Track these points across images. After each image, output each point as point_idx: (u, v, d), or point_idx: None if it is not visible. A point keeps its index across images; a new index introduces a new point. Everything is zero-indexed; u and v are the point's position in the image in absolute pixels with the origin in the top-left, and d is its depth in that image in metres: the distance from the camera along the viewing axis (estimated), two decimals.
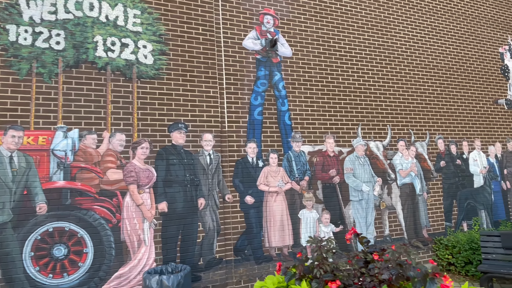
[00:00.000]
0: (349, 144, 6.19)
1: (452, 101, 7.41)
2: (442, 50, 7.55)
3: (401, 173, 6.49)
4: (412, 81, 7.03)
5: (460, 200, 6.97)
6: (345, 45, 6.52)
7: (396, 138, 6.62)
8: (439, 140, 7.04)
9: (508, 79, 8.32)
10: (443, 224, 6.72)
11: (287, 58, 5.97)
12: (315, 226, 5.62)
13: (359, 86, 6.48)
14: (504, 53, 8.44)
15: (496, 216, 7.30)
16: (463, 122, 7.42)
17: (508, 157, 7.80)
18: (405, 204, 6.41)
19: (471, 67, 7.84)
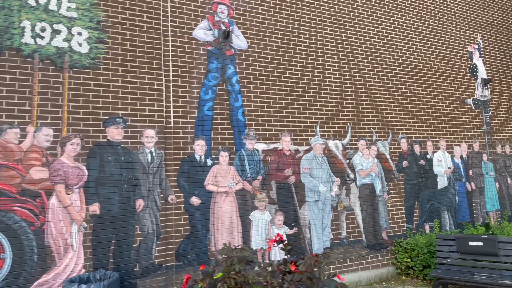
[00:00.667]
0: (306, 142, 5.92)
1: (417, 99, 7.23)
2: (408, 47, 7.36)
3: (360, 173, 6.27)
4: (375, 78, 6.81)
5: (422, 201, 6.81)
6: (305, 40, 6.23)
7: (356, 137, 6.40)
8: (402, 139, 6.86)
9: (476, 79, 8.20)
10: (404, 226, 6.54)
11: (242, 51, 5.64)
12: (267, 228, 5.34)
13: (319, 83, 6.22)
14: (473, 52, 8.32)
15: (460, 218, 7.18)
16: (428, 122, 7.26)
17: (474, 158, 7.69)
18: (364, 205, 6.20)
19: (438, 65, 7.68)
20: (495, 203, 7.74)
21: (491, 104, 8.31)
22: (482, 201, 7.58)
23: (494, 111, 8.31)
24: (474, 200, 7.48)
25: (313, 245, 5.62)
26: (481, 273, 4.57)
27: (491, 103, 8.32)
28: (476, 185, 7.58)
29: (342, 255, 5.83)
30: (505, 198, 7.93)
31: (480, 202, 7.55)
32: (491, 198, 7.71)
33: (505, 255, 4.59)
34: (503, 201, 7.88)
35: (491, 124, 8.15)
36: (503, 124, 8.39)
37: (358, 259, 5.95)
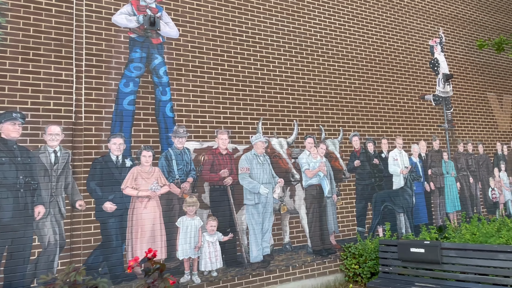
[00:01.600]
0: (246, 140, 5.44)
1: (372, 95, 6.84)
2: (363, 40, 6.96)
3: (307, 173, 5.83)
4: (325, 72, 6.38)
5: (376, 202, 6.42)
6: (248, 29, 5.75)
7: (303, 135, 5.95)
8: (354, 137, 6.45)
9: (438, 74, 7.87)
10: (355, 230, 6.14)
11: (172, 40, 5.12)
12: (198, 235, 4.84)
13: (262, 76, 5.74)
14: (434, 46, 7.99)
15: (417, 220, 6.82)
16: (383, 119, 6.88)
17: (434, 157, 7.36)
18: (310, 208, 5.76)
19: (396, 60, 7.30)
20: (456, 204, 7.42)
21: (453, 100, 7.99)
22: (442, 202, 7.25)
23: (456, 108, 8.00)
24: (433, 201, 7.14)
25: (251, 252, 5.15)
26: (422, 283, 4.18)
27: (453, 99, 8.01)
28: (436, 185, 7.24)
29: (284, 262, 5.38)
30: (466, 198, 7.63)
31: (440, 203, 7.22)
32: (452, 199, 7.39)
33: (448, 263, 4.21)
34: (465, 201, 7.58)
35: (452, 121, 7.84)
36: (466, 121, 8.09)
37: (302, 266, 5.51)
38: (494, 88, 8.86)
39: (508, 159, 8.62)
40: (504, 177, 8.38)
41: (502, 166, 8.42)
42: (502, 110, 8.87)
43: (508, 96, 9.12)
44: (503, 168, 8.42)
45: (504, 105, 8.98)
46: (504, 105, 8.96)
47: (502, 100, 8.96)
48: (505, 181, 8.37)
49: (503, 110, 8.90)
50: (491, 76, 8.89)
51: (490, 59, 8.97)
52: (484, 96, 8.59)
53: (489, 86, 8.77)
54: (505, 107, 8.97)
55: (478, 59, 8.73)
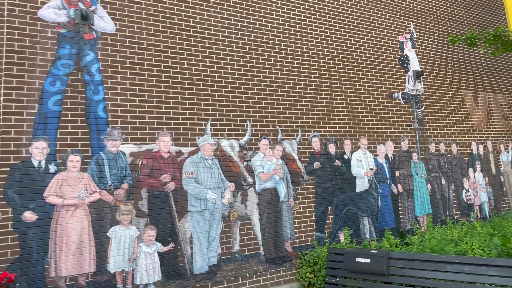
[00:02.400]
0: (193, 143, 5.10)
1: (335, 94, 6.51)
2: (326, 36, 6.63)
3: (261, 176, 5.50)
4: (283, 70, 6.05)
5: (337, 206, 6.09)
6: (195, 24, 5.41)
7: (258, 136, 5.62)
8: (314, 138, 6.12)
9: (408, 71, 7.56)
10: (313, 235, 5.81)
11: (107, 35, 4.77)
12: (133, 246, 4.49)
13: (211, 74, 5.40)
14: (404, 42, 7.68)
15: (383, 224, 6.50)
16: (346, 118, 6.55)
17: (402, 157, 7.04)
18: (264, 213, 5.43)
19: (362, 56, 6.98)
20: (426, 207, 7.11)
21: (424, 98, 7.68)
22: (411, 205, 6.93)
23: (428, 106, 7.69)
24: (401, 203, 6.83)
25: (195, 263, 4.81)
26: None
27: (425, 97, 7.70)
28: (404, 187, 6.92)
29: (233, 272, 5.04)
30: (438, 200, 7.31)
31: (409, 205, 6.90)
32: (422, 201, 7.08)
33: (396, 274, 3.88)
34: (436, 204, 7.27)
35: (423, 120, 7.53)
36: (438, 120, 7.78)
37: (253, 276, 5.17)
38: (469, 85, 8.56)
39: (484, 159, 8.32)
40: (479, 178, 8.08)
41: (477, 166, 8.11)
42: (478, 108, 8.57)
43: (485, 94, 8.82)
44: (479, 169, 8.12)
45: (480, 103, 8.68)
46: (480, 103, 8.66)
47: (478, 98, 8.66)
48: (480, 182, 8.07)
49: (479, 108, 8.60)
50: (466, 73, 8.59)
51: (465, 56, 8.67)
52: (458, 93, 8.29)
53: (464, 84, 8.47)
54: (481, 105, 8.67)
55: (452, 55, 8.43)
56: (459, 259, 3.48)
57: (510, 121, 9.16)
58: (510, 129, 9.07)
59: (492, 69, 9.16)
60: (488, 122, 8.66)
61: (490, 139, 8.58)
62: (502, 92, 9.24)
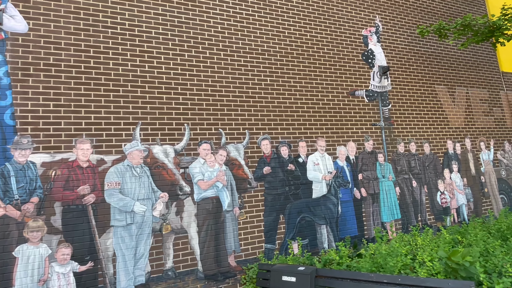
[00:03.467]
0: (118, 150, 4.66)
1: (288, 93, 6.05)
2: (278, 31, 6.18)
3: (201, 184, 5.04)
4: (228, 69, 5.60)
5: (290, 214, 5.61)
6: (124, 21, 4.99)
7: (197, 140, 5.17)
8: (263, 141, 5.65)
9: (372, 67, 7.07)
10: (262, 247, 5.32)
11: (18, 35, 4.36)
12: (43, 266, 4.05)
13: (142, 74, 4.98)
14: (368, 36, 7.20)
15: (344, 232, 5.99)
16: (302, 119, 6.07)
17: (366, 159, 6.54)
18: (203, 225, 4.96)
19: (319, 53, 6.52)
20: (394, 212, 6.59)
21: (392, 95, 7.18)
22: (377, 210, 6.42)
23: (396, 104, 7.19)
24: (365, 209, 6.32)
25: (119, 283, 4.35)
26: None
27: (392, 94, 7.20)
28: (368, 191, 6.41)
29: None
30: (408, 205, 6.79)
31: (374, 211, 6.39)
32: (389, 206, 6.56)
33: None
34: (406, 208, 6.74)
35: (390, 119, 7.02)
36: (408, 118, 7.27)
37: None
38: (444, 80, 8.04)
39: (462, 158, 7.78)
40: (456, 178, 7.54)
41: (454, 166, 7.58)
42: (454, 105, 8.04)
43: (462, 89, 8.30)
44: (456, 169, 7.58)
45: (457, 98, 8.16)
46: (457, 99, 8.14)
47: (455, 94, 8.14)
48: (458, 183, 7.53)
49: (455, 104, 8.07)
50: (440, 67, 8.07)
51: (439, 49, 8.16)
52: (432, 89, 7.77)
53: (438, 78, 7.95)
54: (458, 101, 8.14)
55: (425, 49, 7.93)
56: (388, 278, 2.98)
57: (492, 117, 8.61)
58: (491, 125, 8.52)
59: (470, 62, 8.64)
60: (466, 119, 8.13)
61: (469, 136, 8.04)
62: (482, 86, 8.70)
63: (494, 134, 8.52)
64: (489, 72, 8.97)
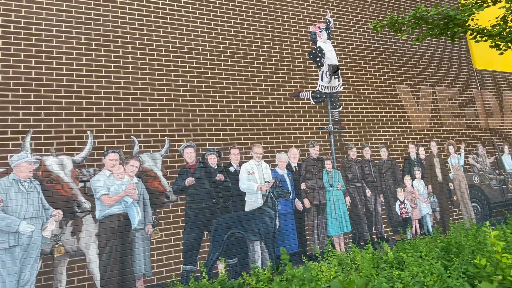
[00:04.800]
0: (2, 162, 4.12)
1: (219, 95, 5.49)
2: (209, 28, 5.64)
3: (105, 200, 4.47)
4: (146, 69, 5.07)
5: (216, 231, 5.01)
6: (19, 19, 4.48)
7: (104, 150, 4.62)
8: (187, 148, 5.08)
9: (321, 66, 6.50)
10: (180, 269, 4.73)
11: None
12: None
13: (37, 77, 4.45)
14: (317, 32, 6.63)
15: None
16: (235, 124, 5.50)
17: (310, 166, 5.94)
18: (106, 246, 4.39)
19: (258, 51, 5.96)
20: (343, 224, 5.96)
21: (343, 96, 6.59)
22: (323, 223, 5.80)
23: (348, 105, 6.59)
24: (309, 222, 5.70)
25: None
26: None
27: (344, 95, 6.61)
28: (313, 201, 5.81)
29: None
30: (361, 216, 6.16)
31: (319, 224, 5.78)
32: (338, 218, 5.94)
33: None
34: (358, 220, 6.11)
35: (341, 122, 6.42)
36: (362, 120, 6.67)
37: None
38: (407, 79, 7.44)
39: (426, 164, 7.15)
40: (419, 186, 6.90)
41: (416, 173, 6.94)
42: (418, 105, 7.42)
43: (428, 88, 7.68)
44: (419, 175, 6.94)
45: (422, 99, 7.54)
46: (421, 99, 7.52)
47: (419, 93, 7.52)
48: (421, 191, 6.89)
49: (419, 105, 7.45)
50: (403, 65, 7.47)
51: (402, 45, 7.57)
52: (391, 89, 7.17)
53: (399, 77, 7.35)
54: (423, 101, 7.52)
55: (384, 45, 7.34)
56: None
57: (463, 118, 7.97)
58: (462, 127, 7.88)
59: (439, 59, 8.02)
60: (432, 121, 7.50)
61: (435, 140, 7.41)
62: (452, 85, 8.08)
63: (465, 137, 7.87)
64: (461, 69, 8.35)
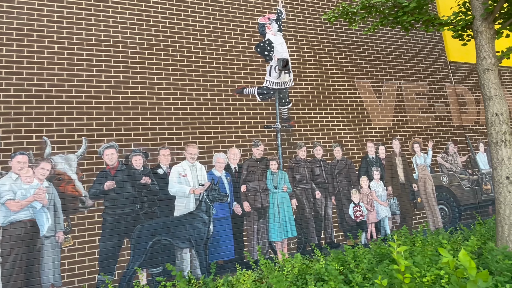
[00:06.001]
0: None
1: (148, 91, 5.13)
2: (140, 19, 5.27)
3: (10, 205, 4.17)
4: (64, 64, 4.73)
5: (139, 238, 4.69)
6: None
7: (11, 152, 4.30)
8: (108, 149, 4.75)
9: (270, 60, 6.09)
10: (94, 279, 4.43)
11: None
12: None
13: None
14: (266, 24, 6.22)
15: (216, 255, 5.04)
16: (166, 122, 5.15)
17: (253, 167, 5.57)
18: (10, 255, 4.09)
19: (197, 44, 5.58)
20: (288, 229, 5.60)
21: (294, 92, 6.19)
22: (264, 227, 5.45)
23: (299, 102, 6.19)
24: (248, 227, 5.35)
25: None
26: None
27: (295, 91, 6.20)
28: (254, 205, 5.45)
29: None
30: (308, 220, 5.78)
31: (260, 228, 5.42)
32: (282, 222, 5.57)
33: None
34: (305, 224, 5.74)
35: (290, 120, 6.03)
36: (315, 118, 6.26)
37: None
38: (368, 73, 6.99)
39: (387, 163, 6.72)
40: (378, 187, 6.49)
41: (375, 173, 6.53)
42: (379, 101, 6.98)
43: (392, 83, 7.22)
44: (377, 176, 6.53)
45: (385, 94, 7.09)
46: (384, 94, 7.07)
47: (382, 88, 7.07)
48: (379, 192, 6.48)
49: (381, 101, 7.01)
50: (364, 58, 7.02)
51: (363, 37, 7.11)
52: (349, 84, 6.74)
53: (360, 71, 6.91)
54: (386, 97, 7.08)
55: (343, 38, 6.89)
56: None
57: (432, 114, 7.51)
58: (430, 123, 7.42)
59: (406, 51, 7.55)
60: (395, 117, 7.05)
61: (398, 138, 6.97)
62: (421, 78, 7.60)
63: (434, 134, 7.42)
64: (433, 62, 7.86)
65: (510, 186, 4.39)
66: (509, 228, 4.36)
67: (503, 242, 4.39)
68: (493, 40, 4.79)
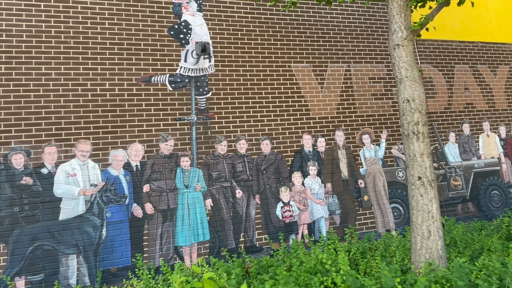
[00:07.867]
0: None
1: (34, 83, 4.66)
2: (28, 5, 4.78)
3: None
4: None
5: (17, 243, 4.29)
6: None
7: None
8: None
9: (186, 44, 5.48)
10: None
11: None
12: None
13: None
14: (183, 4, 5.58)
15: (108, 262, 4.61)
16: (53, 116, 4.68)
17: (159, 165, 5.04)
18: None
19: (96, 28, 5.04)
20: (199, 232, 5.09)
21: (216, 80, 5.56)
22: (170, 231, 4.96)
23: (221, 91, 5.57)
24: (150, 230, 4.88)
25: None
26: None
27: (217, 78, 5.58)
28: (159, 206, 4.96)
29: None
30: (225, 221, 5.24)
31: (165, 232, 4.94)
32: (192, 225, 5.07)
33: None
34: (221, 226, 5.20)
35: (208, 111, 5.43)
36: (240, 108, 5.62)
37: None
38: (308, 56, 6.24)
39: (326, 157, 6.03)
40: (314, 184, 5.83)
41: (311, 168, 5.86)
42: (321, 88, 6.24)
43: (340, 66, 6.44)
44: (313, 172, 5.87)
45: (330, 79, 6.33)
46: (328, 80, 6.31)
47: (325, 73, 6.31)
48: (315, 190, 5.83)
49: (324, 87, 6.26)
50: (304, 39, 6.26)
51: (304, 15, 6.33)
52: (284, 69, 6.03)
53: (298, 55, 6.17)
54: (330, 82, 6.31)
55: (278, 17, 6.14)
56: None
57: (388, 101, 6.69)
58: (385, 111, 6.62)
59: (359, 29, 6.71)
60: (340, 106, 6.30)
61: (342, 128, 6.23)
62: (377, 60, 6.76)
63: (390, 124, 6.62)
64: None
65: (422, 188, 3.68)
66: (422, 240, 3.67)
67: (416, 256, 3.71)
68: (406, 8, 4.00)
